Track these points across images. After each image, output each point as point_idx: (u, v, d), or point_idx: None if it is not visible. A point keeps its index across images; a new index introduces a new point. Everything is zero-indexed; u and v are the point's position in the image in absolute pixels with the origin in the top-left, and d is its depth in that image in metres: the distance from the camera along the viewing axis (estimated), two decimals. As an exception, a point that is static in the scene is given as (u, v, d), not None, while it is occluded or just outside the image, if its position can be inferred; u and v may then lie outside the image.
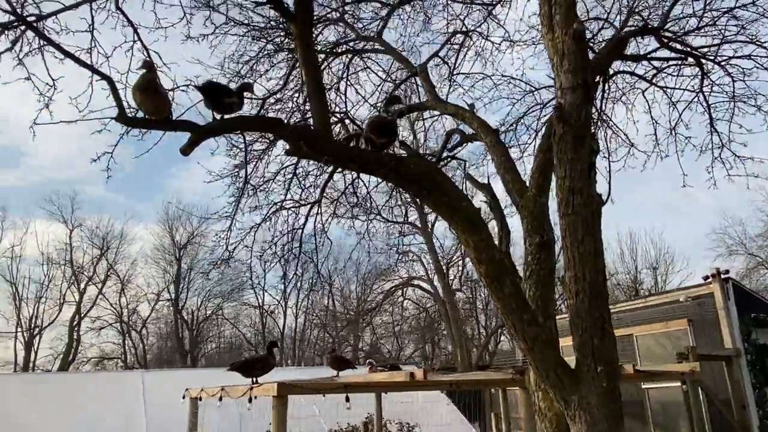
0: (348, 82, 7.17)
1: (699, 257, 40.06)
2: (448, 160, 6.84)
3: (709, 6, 6.30)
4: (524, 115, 7.55)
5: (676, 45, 6.50)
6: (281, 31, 6.37)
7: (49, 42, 3.55)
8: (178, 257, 34.19)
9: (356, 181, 7.12)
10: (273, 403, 5.00)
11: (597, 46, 6.63)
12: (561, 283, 4.05)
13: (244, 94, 3.62)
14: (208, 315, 35.57)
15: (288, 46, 6.50)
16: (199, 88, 3.46)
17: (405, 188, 4.03)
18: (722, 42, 6.41)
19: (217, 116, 3.40)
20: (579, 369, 3.57)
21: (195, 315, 34.98)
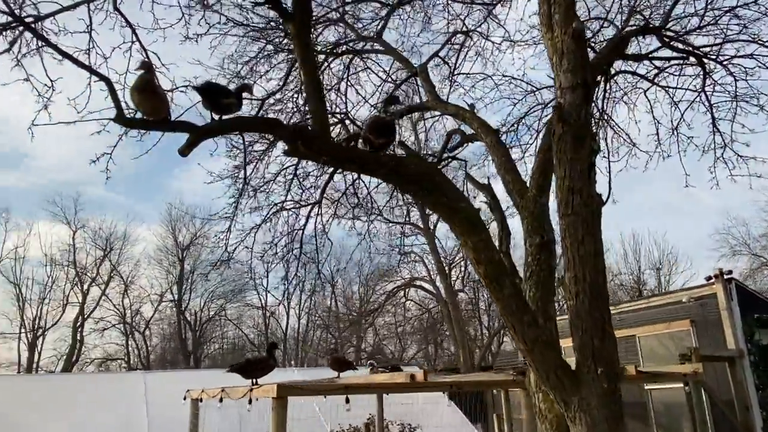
0: (348, 83, 7.16)
1: (702, 258, 39.94)
2: (448, 160, 6.83)
3: (711, 5, 6.28)
4: (525, 115, 7.53)
5: (677, 44, 6.47)
6: (281, 32, 6.36)
7: (47, 43, 3.54)
8: (181, 258, 34.25)
9: (357, 181, 7.11)
10: (272, 404, 4.98)
11: (598, 46, 6.60)
12: (561, 284, 4.03)
13: (242, 95, 3.60)
14: (211, 316, 35.62)
15: (288, 47, 6.49)
16: (196, 88, 3.45)
17: (404, 189, 4.01)
18: (724, 41, 6.38)
19: (216, 117, 3.39)
20: (579, 370, 3.54)
21: (198, 316, 35.03)
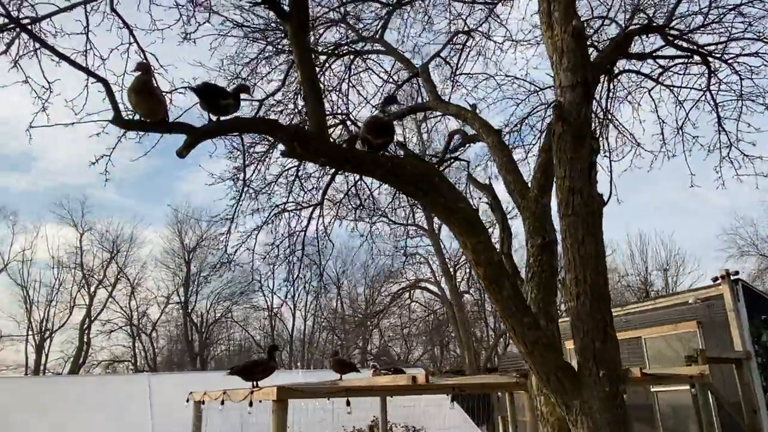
0: (350, 84, 7.13)
1: (710, 258, 39.64)
2: (450, 161, 6.79)
3: (715, 3, 6.22)
4: (528, 115, 7.48)
5: (682, 43, 6.40)
6: (280, 32, 6.34)
7: (44, 45, 3.53)
8: (187, 260, 34.30)
9: (359, 183, 7.08)
10: (273, 407, 4.95)
11: (601, 46, 6.55)
12: (562, 285, 3.99)
13: (240, 96, 3.58)
14: (218, 318, 35.67)
15: (287, 48, 6.47)
16: (194, 89, 3.43)
17: (402, 190, 3.98)
18: (729, 39, 6.31)
19: (213, 118, 3.37)
20: (581, 373, 3.50)
21: (204, 318, 35.09)
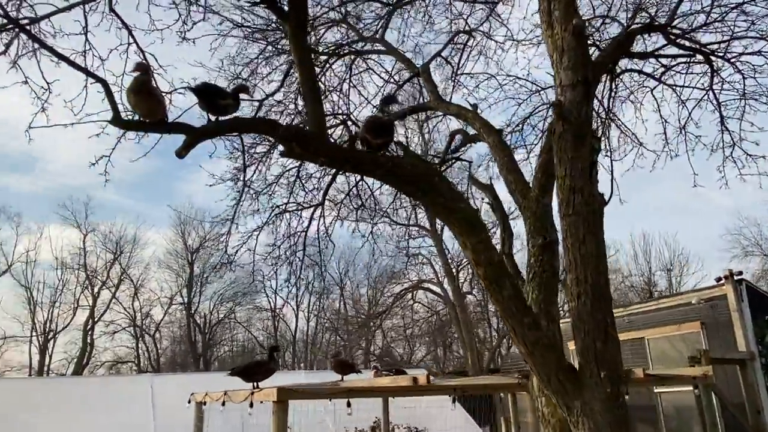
0: (350, 84, 7.11)
1: (714, 259, 39.57)
2: (452, 161, 6.77)
3: (717, 2, 6.16)
4: (530, 115, 7.45)
5: (684, 42, 6.36)
6: (281, 32, 6.33)
7: (42, 45, 3.53)
8: (190, 261, 34.33)
9: (360, 183, 7.06)
10: (273, 408, 4.94)
11: (604, 45, 6.51)
12: (563, 285, 3.96)
13: (239, 96, 3.58)
14: (221, 319, 35.69)
15: (288, 48, 6.46)
16: (193, 89, 3.43)
17: (401, 190, 3.96)
18: (732, 38, 6.26)
19: (213, 118, 3.37)
20: (582, 374, 3.47)
21: (208, 319, 35.11)
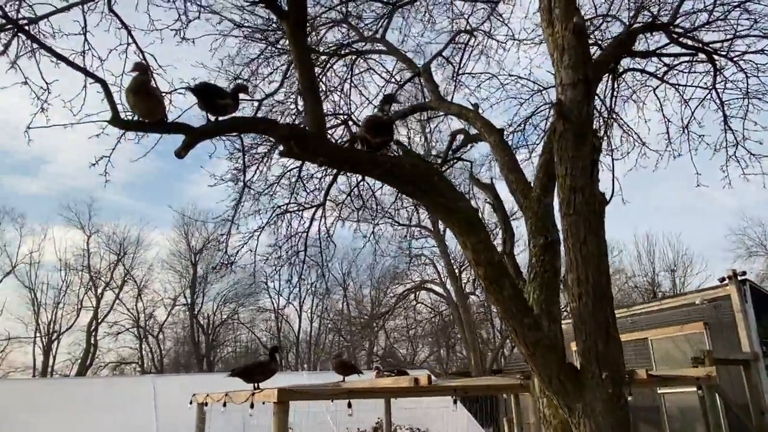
0: (352, 84, 7.09)
1: (718, 259, 39.41)
2: (453, 161, 6.74)
3: (720, 0, 6.13)
4: (532, 115, 7.42)
5: (687, 41, 6.33)
6: (281, 33, 6.31)
7: (41, 45, 3.53)
8: (194, 262, 34.36)
9: (361, 183, 7.04)
10: (274, 409, 4.92)
11: (606, 44, 6.48)
12: (564, 285, 3.93)
13: (239, 96, 3.56)
14: (224, 319, 35.70)
15: (288, 48, 6.44)
16: (191, 89, 3.41)
17: (401, 189, 3.94)
18: (734, 37, 6.22)
19: (212, 118, 3.35)
20: (583, 375, 3.44)
21: (211, 319, 35.14)
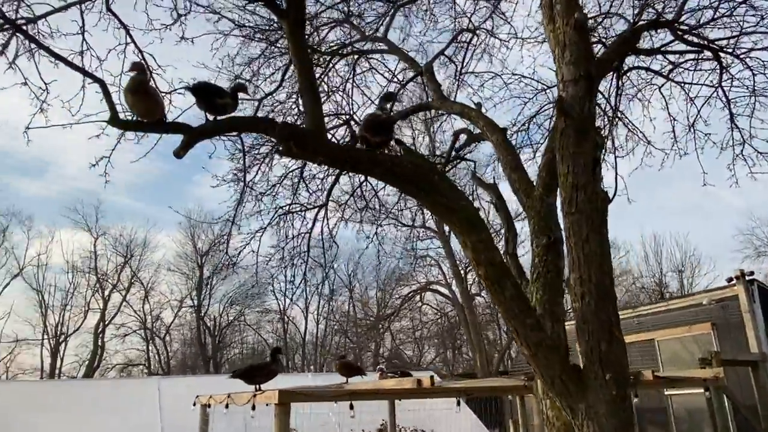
0: (354, 84, 7.06)
1: (726, 259, 39.15)
2: (456, 161, 6.69)
3: (725, -4, 6.06)
4: (536, 114, 7.35)
5: (692, 38, 6.25)
6: (282, 32, 6.28)
7: (39, 45, 3.51)
8: (200, 264, 34.41)
9: (364, 184, 7.01)
10: (275, 410, 4.89)
11: (610, 42, 6.42)
12: (567, 285, 3.88)
13: (238, 95, 3.54)
14: (231, 321, 35.75)
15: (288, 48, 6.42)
16: (190, 89, 3.40)
17: (401, 188, 3.90)
18: (740, 34, 6.14)
19: (211, 118, 3.34)
20: (586, 376, 3.39)
21: (217, 321, 35.19)
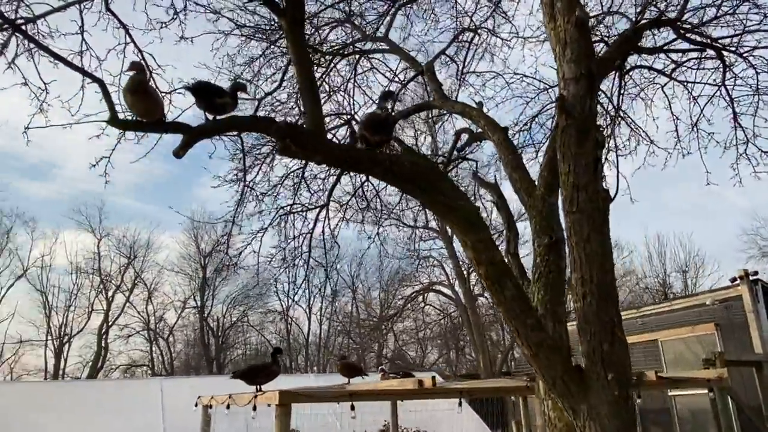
0: (355, 83, 7.04)
1: (731, 259, 38.91)
2: (458, 160, 6.67)
3: (728, -5, 6.02)
4: (538, 113, 7.34)
5: (695, 36, 6.22)
6: (282, 32, 6.27)
7: (38, 45, 3.50)
8: (203, 265, 34.40)
9: (365, 184, 6.99)
10: (276, 411, 4.87)
11: (612, 41, 6.38)
12: (568, 285, 3.86)
13: (237, 95, 3.53)
14: (234, 322, 35.74)
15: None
16: (189, 88, 3.38)
17: (401, 188, 3.88)
18: (743, 32, 6.10)
19: (210, 117, 3.32)
20: (588, 377, 3.36)
21: (221, 322, 35.20)
